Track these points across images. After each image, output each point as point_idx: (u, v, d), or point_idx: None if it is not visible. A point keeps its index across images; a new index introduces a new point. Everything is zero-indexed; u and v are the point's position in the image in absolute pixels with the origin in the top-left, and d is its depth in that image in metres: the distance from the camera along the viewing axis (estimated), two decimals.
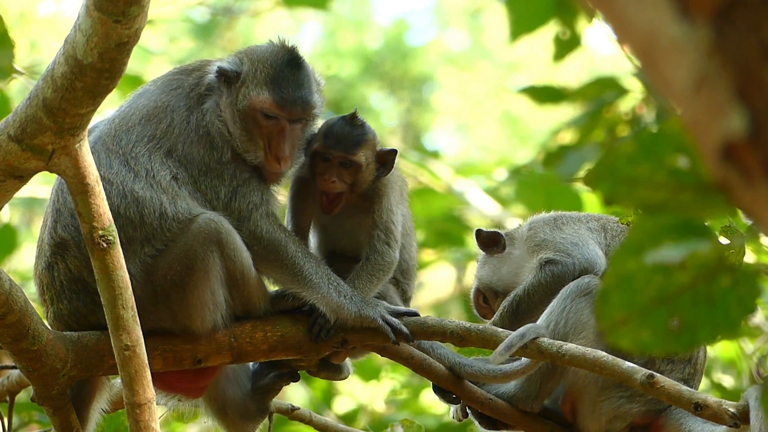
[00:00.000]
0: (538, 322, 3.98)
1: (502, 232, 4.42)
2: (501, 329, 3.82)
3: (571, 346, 3.74)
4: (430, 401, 7.45)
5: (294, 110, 3.93)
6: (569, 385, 4.05)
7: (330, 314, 3.82)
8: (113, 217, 3.58)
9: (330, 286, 3.80)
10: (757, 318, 5.69)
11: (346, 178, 4.07)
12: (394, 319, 3.81)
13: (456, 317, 4.21)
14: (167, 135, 3.87)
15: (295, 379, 4.09)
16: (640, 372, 3.64)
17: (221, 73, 3.93)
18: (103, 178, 3.67)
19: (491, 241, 4.38)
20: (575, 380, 4.03)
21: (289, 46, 4.00)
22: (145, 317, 3.62)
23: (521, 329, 3.79)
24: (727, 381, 7.01)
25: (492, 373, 3.93)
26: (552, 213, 4.38)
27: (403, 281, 4.21)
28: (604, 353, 3.70)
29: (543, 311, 4.06)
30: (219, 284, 3.78)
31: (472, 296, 4.46)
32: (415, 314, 3.90)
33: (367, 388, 7.85)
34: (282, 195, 4.11)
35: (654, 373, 3.64)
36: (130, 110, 3.93)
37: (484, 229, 4.43)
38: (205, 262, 3.75)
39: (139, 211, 3.76)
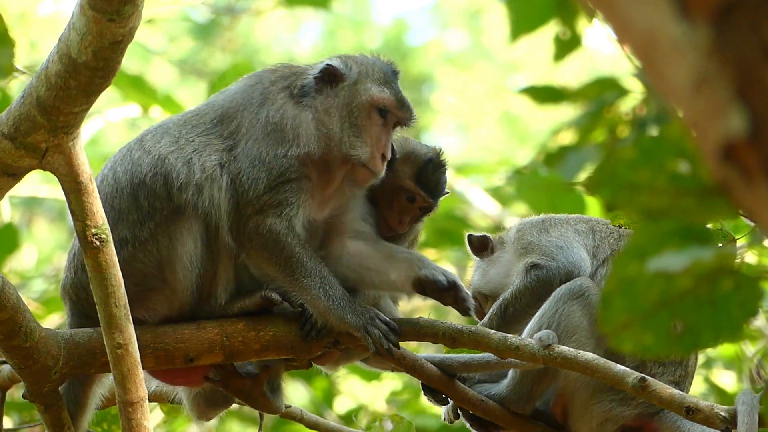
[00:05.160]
0: (529, 326, 3.99)
1: (489, 235, 4.43)
2: (492, 331, 3.82)
3: (563, 349, 3.74)
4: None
5: (407, 112, 3.99)
6: (561, 387, 4.06)
7: (317, 317, 3.81)
8: (138, 185, 3.74)
9: (320, 289, 3.78)
10: (758, 321, 5.68)
11: (415, 217, 4.16)
12: (376, 331, 3.77)
13: (455, 317, 4.20)
14: (233, 135, 3.90)
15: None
16: (632, 375, 3.64)
17: (328, 71, 3.95)
18: (143, 150, 3.83)
19: (482, 245, 4.39)
20: (567, 383, 4.03)
21: (387, 59, 4.07)
22: (136, 258, 3.76)
23: (546, 331, 3.80)
24: (729, 378, 7.02)
25: (485, 358, 3.93)
26: (542, 216, 4.40)
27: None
28: (595, 356, 3.70)
29: (531, 315, 4.07)
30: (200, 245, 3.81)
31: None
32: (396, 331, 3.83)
33: (367, 388, 7.86)
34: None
35: (646, 376, 3.64)
36: (207, 107, 4.00)
37: (475, 234, 4.44)
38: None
39: (165, 184, 3.82)
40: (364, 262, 3.96)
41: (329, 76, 3.94)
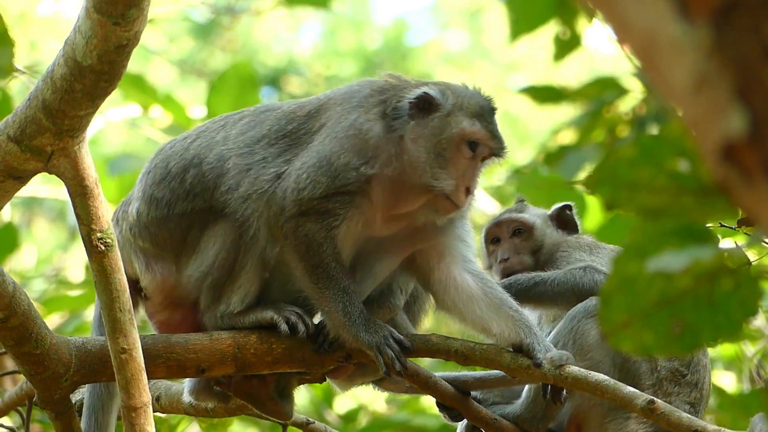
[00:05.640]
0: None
1: (581, 229, 4.42)
2: (505, 349, 3.77)
3: (574, 369, 3.69)
4: (431, 402, 7.44)
5: (499, 144, 3.92)
6: (575, 406, 4.02)
7: (331, 329, 3.81)
8: (195, 164, 3.86)
9: (339, 303, 3.77)
10: (758, 321, 5.68)
11: None
12: (389, 351, 3.75)
13: (466, 335, 4.16)
14: (321, 128, 3.89)
15: None
16: (641, 397, 3.58)
17: (425, 99, 3.90)
18: (221, 135, 3.91)
19: (568, 224, 4.37)
20: (581, 402, 4.00)
21: (486, 94, 4.01)
22: (166, 223, 3.87)
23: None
24: (729, 378, 7.01)
25: (499, 374, 3.91)
26: (586, 239, 4.37)
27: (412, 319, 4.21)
28: (606, 377, 3.65)
29: (551, 306, 4.06)
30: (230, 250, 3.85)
31: (497, 221, 4.46)
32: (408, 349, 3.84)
33: (367, 388, 7.83)
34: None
35: (655, 399, 3.58)
36: (315, 98, 4.01)
37: (573, 212, 4.42)
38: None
39: (215, 182, 3.87)
40: (471, 303, 3.89)
41: (425, 104, 3.89)
